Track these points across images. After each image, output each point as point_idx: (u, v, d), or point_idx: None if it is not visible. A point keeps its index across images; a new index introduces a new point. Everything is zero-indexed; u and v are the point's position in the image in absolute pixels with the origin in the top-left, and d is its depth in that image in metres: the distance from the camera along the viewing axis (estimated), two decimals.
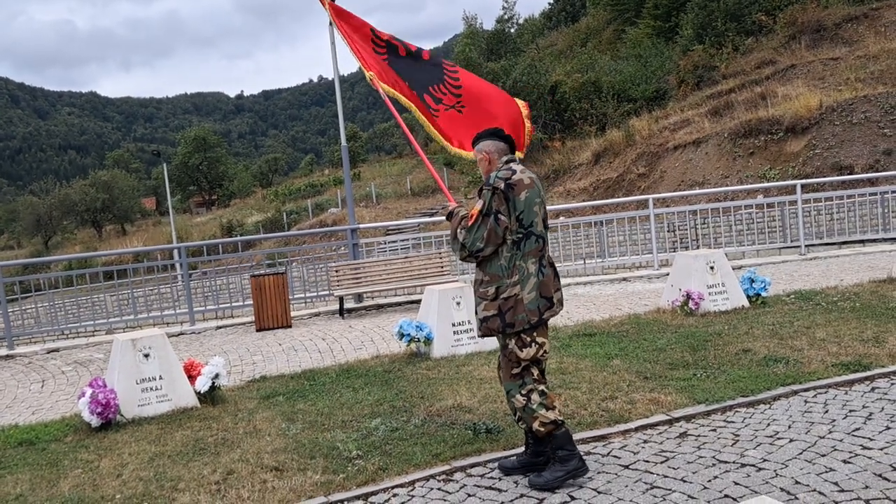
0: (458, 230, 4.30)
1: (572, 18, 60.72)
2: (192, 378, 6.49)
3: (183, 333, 10.95)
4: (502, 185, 4.20)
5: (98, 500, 4.52)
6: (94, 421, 5.90)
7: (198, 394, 6.45)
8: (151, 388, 6.30)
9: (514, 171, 4.27)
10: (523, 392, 4.23)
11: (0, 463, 5.46)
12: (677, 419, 5.11)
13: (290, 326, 10.86)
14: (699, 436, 4.81)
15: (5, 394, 8.22)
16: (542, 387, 4.28)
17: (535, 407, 4.21)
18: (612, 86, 38.59)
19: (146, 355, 6.33)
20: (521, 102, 6.68)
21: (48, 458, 5.48)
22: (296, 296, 12.52)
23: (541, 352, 4.29)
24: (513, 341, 4.24)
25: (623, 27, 47.81)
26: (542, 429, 4.21)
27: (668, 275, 10.11)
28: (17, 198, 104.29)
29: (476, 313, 4.37)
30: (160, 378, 6.34)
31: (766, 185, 18.87)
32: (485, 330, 4.33)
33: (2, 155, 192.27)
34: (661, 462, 4.44)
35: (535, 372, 4.29)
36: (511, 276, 4.21)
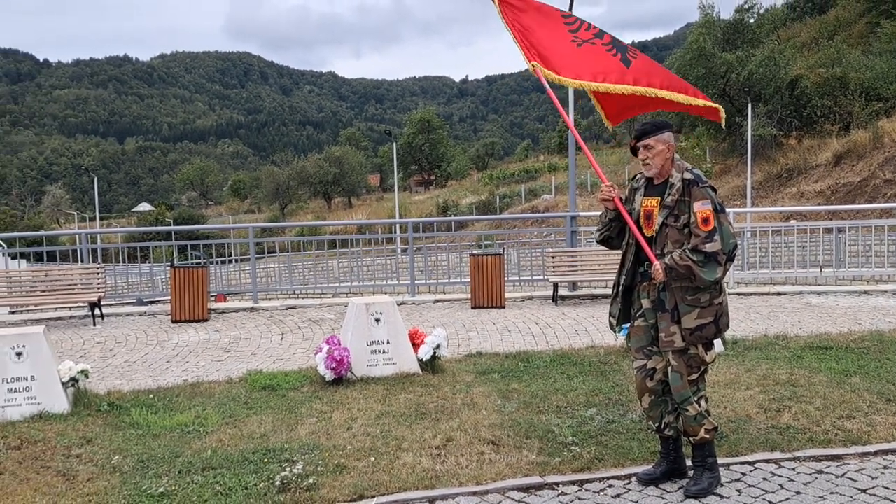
0: (698, 260, 3.94)
1: (819, 9, 56.05)
2: (415, 346, 6.85)
3: (404, 303, 11.51)
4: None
5: (331, 448, 4.91)
6: (329, 375, 6.41)
7: (420, 361, 6.80)
8: (380, 351, 6.73)
9: None
10: (696, 398, 4.12)
11: (247, 404, 6.08)
12: None
13: (504, 307, 11.08)
14: None
15: (250, 342, 9.11)
16: (706, 391, 4.24)
17: (704, 413, 4.13)
18: (861, 82, 35.30)
19: (377, 320, 6.76)
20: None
21: (287, 404, 6.02)
22: (509, 278, 12.72)
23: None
24: (701, 346, 4.09)
25: (878, 19, 43.45)
26: (708, 435, 4.14)
27: None
28: (260, 167, 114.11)
29: (679, 323, 4.04)
30: (388, 342, 6.75)
31: None
32: (695, 339, 4.04)
33: (250, 127, 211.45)
34: None
35: (705, 377, 4.22)
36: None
